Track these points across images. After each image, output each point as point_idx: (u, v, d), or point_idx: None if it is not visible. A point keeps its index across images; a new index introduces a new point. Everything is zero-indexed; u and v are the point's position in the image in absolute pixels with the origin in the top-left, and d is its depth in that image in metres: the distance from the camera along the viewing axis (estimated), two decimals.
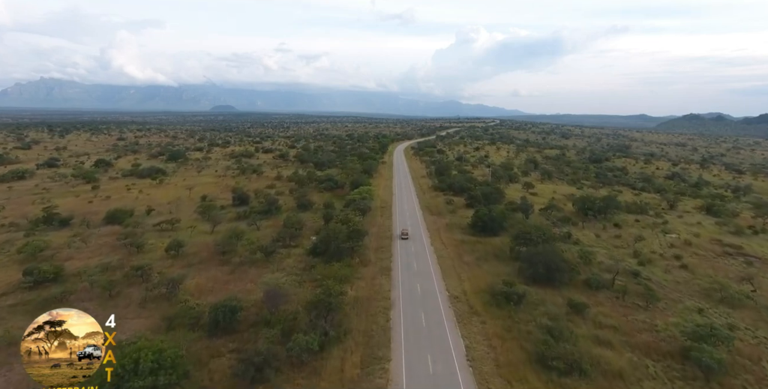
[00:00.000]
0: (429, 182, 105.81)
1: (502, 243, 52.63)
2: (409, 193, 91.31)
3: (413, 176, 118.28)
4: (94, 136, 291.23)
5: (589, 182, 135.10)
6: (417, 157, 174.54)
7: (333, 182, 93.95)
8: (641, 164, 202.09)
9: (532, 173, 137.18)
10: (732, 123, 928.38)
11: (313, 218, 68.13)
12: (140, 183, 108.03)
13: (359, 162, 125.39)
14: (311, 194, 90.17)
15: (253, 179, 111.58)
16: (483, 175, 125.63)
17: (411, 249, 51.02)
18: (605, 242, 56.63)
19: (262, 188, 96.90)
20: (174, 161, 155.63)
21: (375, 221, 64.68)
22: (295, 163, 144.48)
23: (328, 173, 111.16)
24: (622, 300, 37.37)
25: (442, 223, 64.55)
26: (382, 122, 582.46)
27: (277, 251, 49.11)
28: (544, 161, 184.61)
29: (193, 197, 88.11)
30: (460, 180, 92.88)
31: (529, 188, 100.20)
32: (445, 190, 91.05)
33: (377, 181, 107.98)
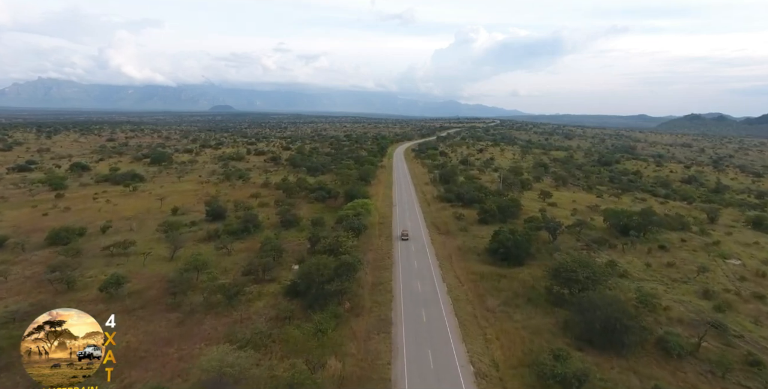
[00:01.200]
0: (433, 191, 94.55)
1: (531, 278, 41.45)
2: (412, 204, 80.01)
3: (415, 183, 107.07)
4: (83, 136, 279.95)
5: (604, 187, 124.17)
6: (418, 160, 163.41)
7: (325, 191, 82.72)
8: (653, 167, 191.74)
9: (544, 177, 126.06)
10: (734, 123, 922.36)
11: (297, 238, 56.92)
12: (112, 191, 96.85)
13: (356, 167, 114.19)
14: (300, 205, 79.01)
15: (238, 187, 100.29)
16: (491, 181, 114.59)
17: (417, 287, 39.75)
18: (658, 274, 45.44)
19: (245, 197, 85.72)
20: (157, 165, 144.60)
21: (372, 244, 53.41)
22: (287, 167, 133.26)
23: (321, 181, 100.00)
24: (722, 378, 26.16)
25: (453, 246, 53.28)
26: (381, 123, 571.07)
27: (244, 292, 37.85)
28: (552, 164, 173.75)
29: (165, 208, 76.91)
30: (469, 189, 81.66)
31: (546, 197, 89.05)
32: (452, 200, 79.83)
33: (375, 189, 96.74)
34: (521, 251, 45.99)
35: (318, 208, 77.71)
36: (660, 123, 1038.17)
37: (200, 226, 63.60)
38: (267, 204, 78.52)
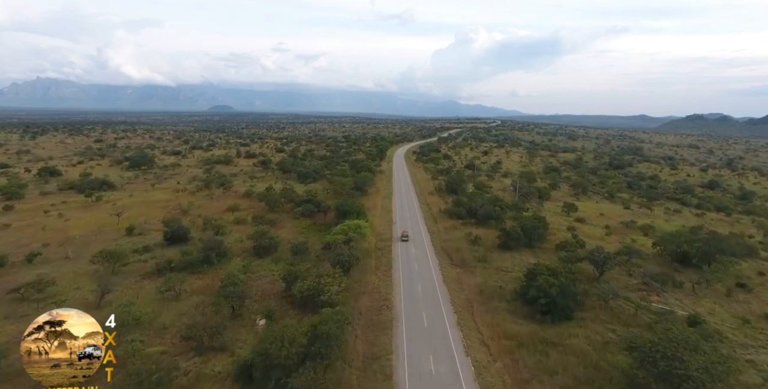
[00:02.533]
0: (439, 202, 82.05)
1: (591, 346, 29.12)
2: (416, 222, 67.36)
3: (418, 192, 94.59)
4: (71, 137, 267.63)
5: (626, 195, 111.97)
6: (420, 164, 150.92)
7: (314, 204, 70.33)
8: (667, 170, 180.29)
9: (560, 185, 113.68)
10: (736, 124, 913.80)
11: (272, 272, 44.57)
12: (72, 202, 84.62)
13: (351, 173, 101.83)
14: (283, 222, 66.65)
15: (216, 197, 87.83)
16: (503, 189, 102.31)
17: (429, 367, 27.28)
18: (756, 332, 33.11)
19: (220, 211, 73.44)
20: (137, 169, 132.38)
21: (366, 284, 40.95)
22: (276, 173, 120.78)
23: (311, 190, 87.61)
24: None
25: (472, 285, 40.86)
26: (380, 123, 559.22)
27: (175, 375, 25.51)
28: (563, 168, 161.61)
29: (123, 225, 64.60)
30: (482, 202, 69.23)
31: (571, 211, 76.75)
32: (463, 216, 67.37)
33: (373, 199, 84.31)
34: (568, 299, 33.67)
35: (304, 225, 65.36)
36: (661, 123, 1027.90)
37: (154, 252, 51.16)
38: (244, 221, 66.15)
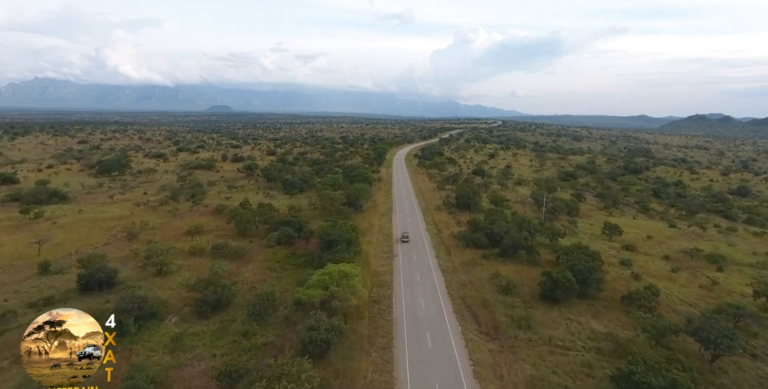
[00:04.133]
0: (450, 222, 66.85)
1: None
2: (423, 254, 51.65)
3: (423, 207, 79.66)
4: (54, 138, 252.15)
5: (661, 207, 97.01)
6: (423, 169, 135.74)
7: (294, 226, 55.37)
8: (687, 175, 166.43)
9: (585, 195, 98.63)
10: (739, 124, 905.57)
11: (212, 351, 29.76)
12: (3, 219, 69.68)
13: (345, 184, 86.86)
14: (253, 253, 51.70)
15: (181, 213, 72.69)
16: (520, 200, 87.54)
17: None
18: None
19: (178, 234, 58.66)
20: (107, 175, 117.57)
21: (354, 377, 26.13)
22: (260, 180, 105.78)
23: (295, 205, 72.72)
24: None
25: (520, 380, 25.95)
26: (379, 123, 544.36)
27: None
28: (575, 171, 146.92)
29: (46, 255, 49.81)
30: (506, 227, 54.03)
31: (614, 233, 61.84)
32: (482, 245, 52.34)
33: (369, 218, 69.07)
34: None
35: (279, 257, 50.38)
36: (661, 124, 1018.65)
37: (57, 308, 36.34)
38: (202, 251, 51.17)
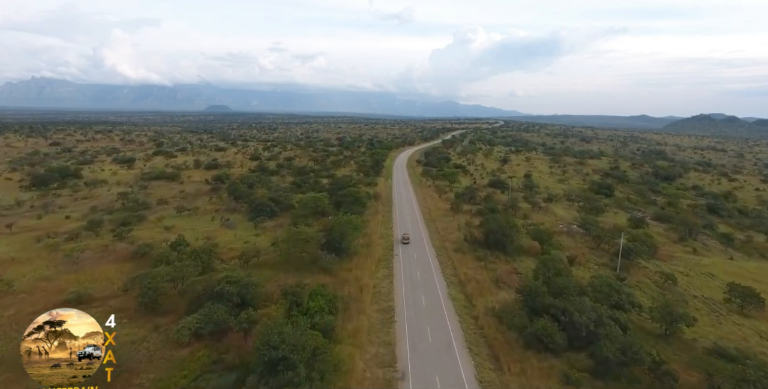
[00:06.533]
0: (480, 276, 46.50)
1: None
2: (452, 359, 30.21)
3: (438, 246, 58.33)
4: (26, 139, 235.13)
5: (741, 235, 74.61)
6: (429, 180, 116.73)
7: (232, 302, 34.66)
8: (725, 182, 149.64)
9: (647, 220, 77.45)
10: (745, 125, 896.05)
11: None
12: None
13: (330, 208, 69.24)
14: (153, 352, 32.41)
15: (84, 257, 48.22)
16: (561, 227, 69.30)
17: None
18: None
19: (47, 305, 40.66)
20: (43, 188, 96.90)
21: None
22: (224, 199, 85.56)
23: (251, 247, 51.06)
24: None
25: None
26: (379, 123, 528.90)
27: None
28: (606, 180, 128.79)
29: None
30: (580, 304, 31.64)
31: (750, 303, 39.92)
32: (554, 348, 30.30)
33: (359, 270, 46.86)
34: None
35: (189, 372, 26.90)
36: (662, 124, 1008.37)
37: None
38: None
